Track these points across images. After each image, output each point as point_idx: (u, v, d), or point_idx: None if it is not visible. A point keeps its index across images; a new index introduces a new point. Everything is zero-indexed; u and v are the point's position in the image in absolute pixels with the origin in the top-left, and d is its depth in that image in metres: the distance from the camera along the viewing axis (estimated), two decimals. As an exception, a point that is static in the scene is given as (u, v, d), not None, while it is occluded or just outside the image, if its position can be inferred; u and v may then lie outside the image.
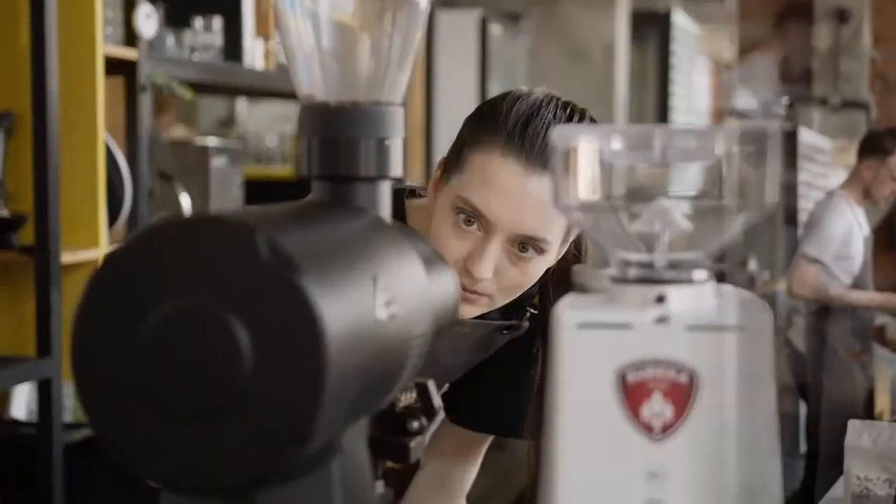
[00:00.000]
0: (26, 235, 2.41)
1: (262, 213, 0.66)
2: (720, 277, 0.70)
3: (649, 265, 0.70)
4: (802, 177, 6.52)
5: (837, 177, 8.17)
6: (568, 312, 0.68)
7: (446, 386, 1.46)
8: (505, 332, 1.41)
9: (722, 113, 8.89)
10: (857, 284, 4.44)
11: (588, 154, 0.70)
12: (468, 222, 1.25)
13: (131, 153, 2.70)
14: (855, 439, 1.87)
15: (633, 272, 0.69)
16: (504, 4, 8.13)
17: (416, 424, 0.79)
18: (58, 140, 2.39)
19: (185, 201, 2.94)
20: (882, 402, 4.72)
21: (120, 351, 0.62)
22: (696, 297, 0.68)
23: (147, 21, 2.66)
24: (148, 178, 2.77)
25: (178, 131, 4.47)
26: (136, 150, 2.70)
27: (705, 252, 0.70)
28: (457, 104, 5.32)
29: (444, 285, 0.82)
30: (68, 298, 2.40)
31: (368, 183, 0.78)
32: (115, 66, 2.65)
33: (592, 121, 1.32)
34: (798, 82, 7.29)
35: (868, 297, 4.46)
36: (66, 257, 2.43)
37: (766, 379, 0.67)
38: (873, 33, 9.77)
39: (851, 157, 8.46)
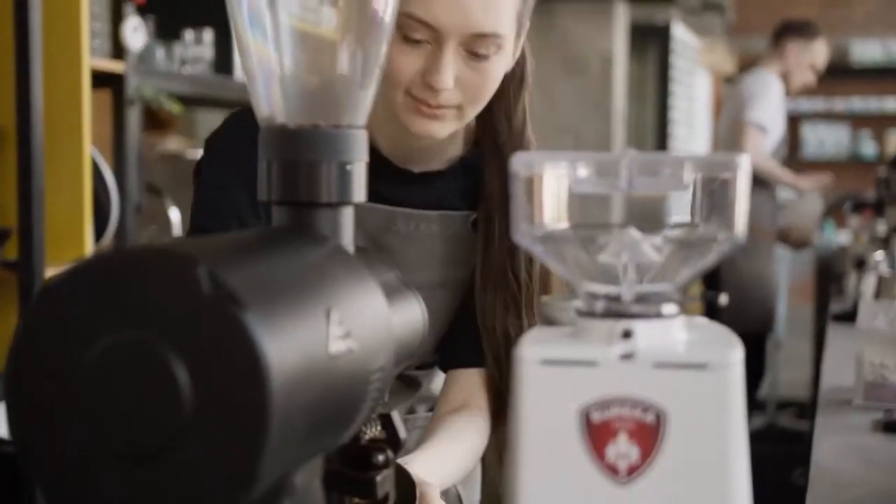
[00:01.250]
0: (10, 250, 2.38)
1: (209, 243, 0.63)
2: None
3: (616, 298, 0.67)
4: (672, 73, 6.99)
5: (702, 76, 8.25)
6: (530, 348, 0.65)
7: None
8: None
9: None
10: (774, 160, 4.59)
11: (552, 181, 0.67)
12: (416, 40, 1.21)
13: (119, 167, 2.67)
14: (868, 321, 1.70)
15: (599, 305, 0.67)
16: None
17: (381, 458, 0.76)
18: (42, 153, 2.36)
19: (175, 215, 2.91)
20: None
21: (56, 386, 0.59)
22: (665, 332, 0.65)
23: (135, 34, 2.63)
24: (136, 192, 2.74)
25: (172, 143, 4.45)
26: (123, 163, 2.68)
27: (675, 284, 0.67)
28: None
29: (408, 314, 0.79)
30: (52, 314, 2.37)
31: (330, 209, 0.75)
32: (103, 79, 2.63)
33: None
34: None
35: (792, 177, 4.64)
36: (51, 273, 2.40)
37: (736, 418, 0.64)
38: None
39: (715, 56, 8.51)
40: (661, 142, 7.26)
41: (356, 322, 0.67)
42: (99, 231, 2.59)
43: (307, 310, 0.62)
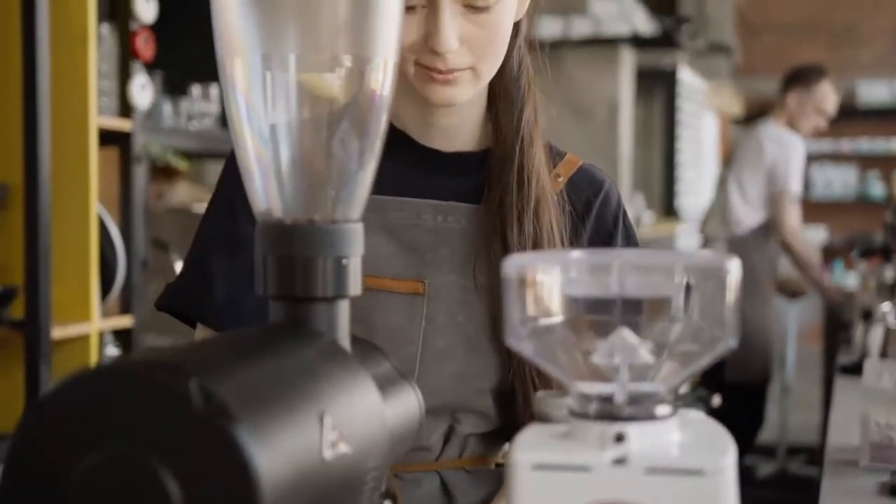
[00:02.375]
0: (17, 309, 2.39)
1: (201, 351, 0.63)
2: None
3: (609, 398, 0.67)
4: (678, 116, 7.00)
5: (709, 118, 8.28)
6: (523, 453, 0.65)
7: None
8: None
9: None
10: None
11: (544, 283, 0.67)
12: (412, 6, 1.15)
13: (125, 223, 2.68)
14: (873, 380, 1.66)
15: (592, 407, 0.67)
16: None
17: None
18: (49, 212, 2.37)
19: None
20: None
21: (48, 501, 0.59)
22: (658, 435, 0.65)
23: (142, 92, 2.65)
24: (142, 248, 2.75)
25: (182, 190, 4.47)
26: (130, 220, 2.69)
27: (668, 385, 0.67)
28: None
29: (404, 407, 0.79)
30: (59, 374, 2.38)
31: (326, 303, 0.75)
32: (110, 137, 2.65)
33: None
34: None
35: (817, 275, 4.67)
36: (57, 332, 2.40)
37: (730, 524, 0.63)
38: None
39: (722, 99, 8.55)
40: (669, 185, 7.27)
41: (350, 424, 0.67)
42: (105, 288, 2.60)
43: (300, 417, 0.63)
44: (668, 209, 7.17)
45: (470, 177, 1.29)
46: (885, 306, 3.05)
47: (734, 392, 4.20)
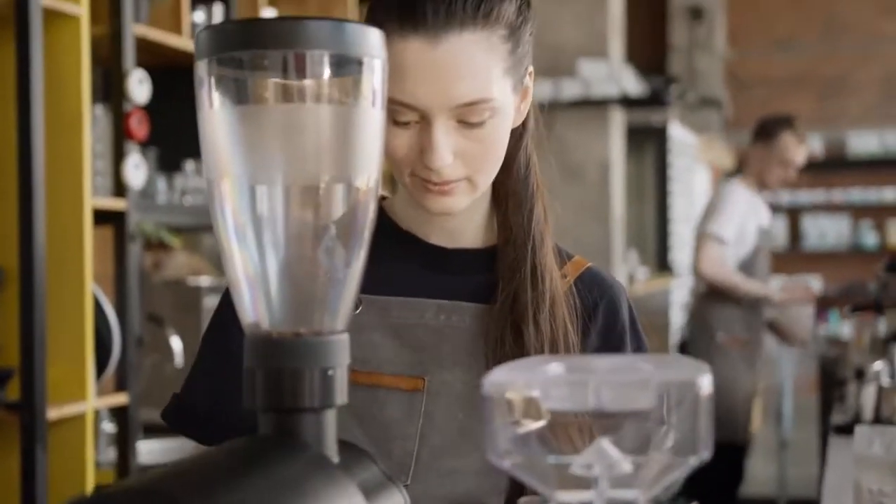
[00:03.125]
0: (12, 391, 2.40)
1: (189, 473, 0.65)
2: None
3: (589, 509, 0.69)
4: (670, 172, 7.06)
5: (701, 172, 8.34)
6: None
7: None
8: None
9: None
10: (744, 271, 4.55)
11: (523, 398, 0.70)
12: (406, 122, 1.16)
13: (120, 301, 2.70)
14: (864, 447, 1.66)
15: (572, 518, 0.69)
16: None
17: None
18: (45, 294, 2.39)
19: (177, 344, 2.94)
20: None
21: None
22: (636, 545, 0.67)
23: (136, 171, 2.68)
24: (137, 326, 2.77)
25: (180, 259, 4.49)
26: (124, 298, 2.71)
27: (646, 495, 0.69)
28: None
29: (392, 513, 0.80)
30: (54, 456, 2.39)
31: (313, 413, 0.78)
32: (105, 216, 2.68)
33: None
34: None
35: (758, 286, 4.55)
36: (53, 413, 2.41)
37: None
38: (728, 32, 9.97)
39: (713, 153, 8.60)
40: (662, 240, 7.31)
41: (337, 538, 0.69)
42: (101, 367, 2.61)
43: (287, 537, 0.64)
44: (662, 264, 7.20)
45: (475, 274, 1.29)
46: (877, 365, 3.05)
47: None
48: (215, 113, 0.78)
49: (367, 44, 0.79)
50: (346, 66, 0.80)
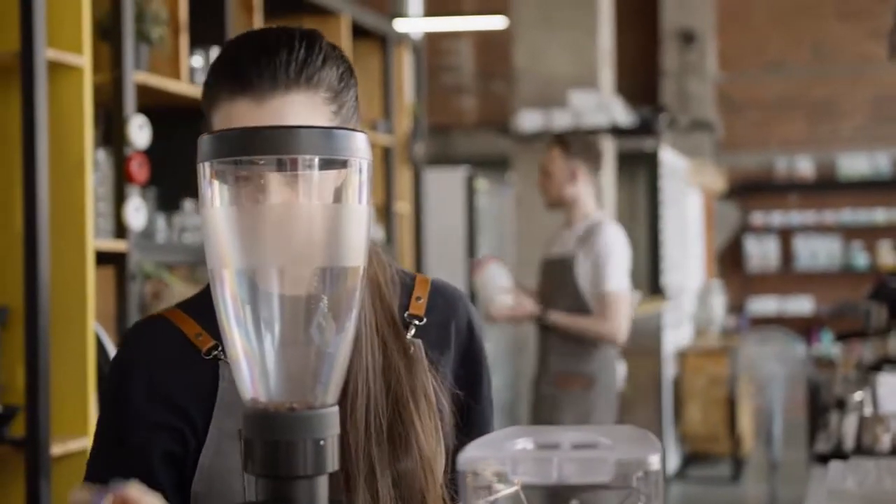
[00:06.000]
0: (17, 428, 2.48)
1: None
2: None
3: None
4: (661, 196, 7.05)
5: (693, 195, 8.43)
6: None
7: None
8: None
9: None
10: None
11: (493, 474, 0.78)
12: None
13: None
14: (839, 482, 1.68)
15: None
16: (491, 157, 8.30)
17: None
18: (49, 333, 2.48)
19: (176, 379, 3.01)
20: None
21: None
22: None
23: (136, 214, 2.77)
24: (138, 362, 2.83)
25: (179, 290, 4.56)
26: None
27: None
28: (446, 258, 5.45)
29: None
30: (58, 491, 2.46)
31: (306, 480, 0.86)
32: (106, 258, 2.76)
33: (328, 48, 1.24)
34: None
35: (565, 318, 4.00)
36: (56, 449, 2.49)
37: None
38: (719, 55, 10.08)
39: (705, 176, 8.66)
40: (654, 264, 7.39)
41: None
42: (103, 403, 2.68)
43: None
44: (655, 288, 7.28)
45: None
46: (858, 395, 3.12)
47: None
48: (216, 210, 0.87)
49: (354, 147, 0.88)
50: (334, 166, 0.89)
